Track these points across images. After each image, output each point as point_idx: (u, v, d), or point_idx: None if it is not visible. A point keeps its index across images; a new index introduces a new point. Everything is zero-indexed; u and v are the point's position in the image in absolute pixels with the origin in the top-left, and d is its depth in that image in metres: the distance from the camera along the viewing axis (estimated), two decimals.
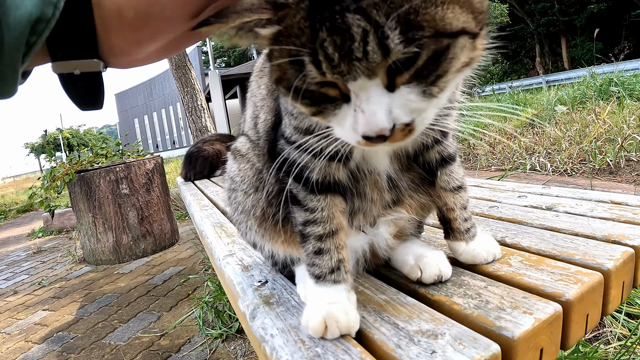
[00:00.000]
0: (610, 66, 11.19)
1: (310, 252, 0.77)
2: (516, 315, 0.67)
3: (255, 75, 0.94)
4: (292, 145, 0.75)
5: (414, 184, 0.86)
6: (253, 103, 0.94)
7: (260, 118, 0.89)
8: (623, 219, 1.06)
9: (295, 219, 0.79)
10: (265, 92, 0.87)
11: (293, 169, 0.75)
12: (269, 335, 0.71)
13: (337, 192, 0.78)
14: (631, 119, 4.35)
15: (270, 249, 0.94)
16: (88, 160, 5.09)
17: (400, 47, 0.48)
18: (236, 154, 0.97)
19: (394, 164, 0.82)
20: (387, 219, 0.86)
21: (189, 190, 3.26)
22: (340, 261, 0.76)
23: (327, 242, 0.76)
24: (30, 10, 0.46)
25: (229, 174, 0.99)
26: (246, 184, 0.91)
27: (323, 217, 0.76)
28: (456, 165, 0.88)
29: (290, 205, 0.79)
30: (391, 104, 0.53)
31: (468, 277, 0.84)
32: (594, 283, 0.76)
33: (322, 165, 0.74)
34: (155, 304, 3.29)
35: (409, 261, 0.86)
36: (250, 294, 0.90)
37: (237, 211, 0.95)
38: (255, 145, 0.91)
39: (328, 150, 0.70)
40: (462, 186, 0.89)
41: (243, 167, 0.92)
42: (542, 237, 0.99)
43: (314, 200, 0.76)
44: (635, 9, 28.86)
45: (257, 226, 0.90)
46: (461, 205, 0.88)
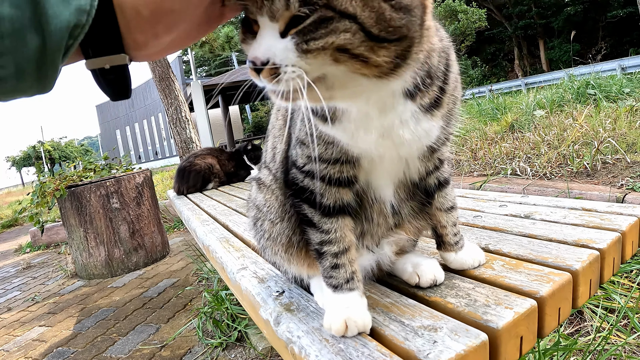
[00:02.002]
0: (587, 67, 11.47)
1: (327, 267, 0.89)
2: (499, 310, 0.81)
3: (275, 109, 1.06)
4: (304, 173, 0.88)
5: (413, 212, 1.00)
6: (272, 135, 1.06)
7: (277, 148, 1.02)
8: (592, 225, 1.21)
9: (311, 239, 0.91)
10: (282, 123, 1.00)
11: (307, 195, 0.88)
12: (295, 337, 0.83)
13: (347, 213, 0.90)
14: (607, 122, 4.52)
15: (295, 272, 1.06)
16: (77, 175, 5.13)
17: (297, 4, 0.59)
18: (260, 184, 1.08)
19: (398, 193, 0.94)
20: (390, 240, 1.00)
21: (185, 205, 3.34)
22: (353, 272, 0.89)
23: (342, 258, 0.88)
24: (69, 18, 0.54)
25: (254, 202, 1.10)
26: (272, 214, 1.01)
27: (337, 237, 0.88)
28: (450, 188, 1.02)
29: (306, 227, 0.92)
30: (274, 45, 0.63)
31: (458, 281, 0.98)
32: (563, 282, 0.90)
33: (333, 191, 0.87)
34: (152, 316, 3.34)
35: (408, 269, 1.01)
36: (271, 303, 1.02)
37: (263, 238, 1.06)
38: (276, 179, 1.02)
39: (336, 176, 0.84)
40: (454, 206, 1.03)
41: (268, 197, 1.03)
42: (521, 244, 1.14)
43: (327, 223, 0.88)
44: (611, 10, 29.43)
45: (284, 252, 1.01)
46: (452, 223, 1.03)
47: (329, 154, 0.83)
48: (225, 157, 4.48)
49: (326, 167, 0.85)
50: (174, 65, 29.40)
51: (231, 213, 2.52)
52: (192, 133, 8.20)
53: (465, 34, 29.87)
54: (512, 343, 0.77)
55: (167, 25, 0.64)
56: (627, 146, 3.81)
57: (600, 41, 29.16)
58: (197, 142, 8.20)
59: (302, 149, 0.87)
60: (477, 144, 5.55)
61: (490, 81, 30.21)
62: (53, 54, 0.56)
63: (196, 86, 14.64)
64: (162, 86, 8.16)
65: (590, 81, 7.05)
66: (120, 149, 42.95)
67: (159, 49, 0.68)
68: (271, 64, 0.63)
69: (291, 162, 0.92)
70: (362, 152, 0.82)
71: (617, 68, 14.59)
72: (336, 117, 0.78)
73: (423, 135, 0.80)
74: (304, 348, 0.78)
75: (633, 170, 3.35)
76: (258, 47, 0.64)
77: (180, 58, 31.48)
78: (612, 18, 29.35)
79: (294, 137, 0.91)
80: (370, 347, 0.75)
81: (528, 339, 0.81)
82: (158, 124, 38.84)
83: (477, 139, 5.91)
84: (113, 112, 45.69)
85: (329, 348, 0.76)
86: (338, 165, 0.84)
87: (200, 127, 13.27)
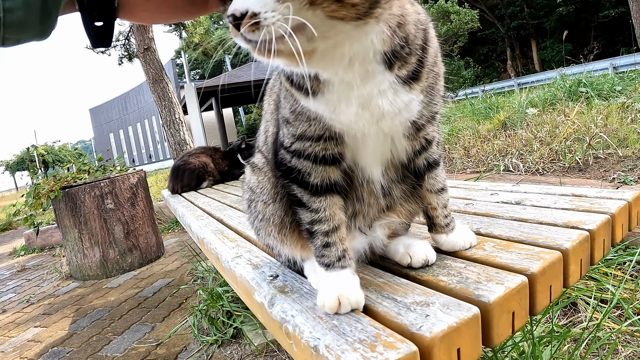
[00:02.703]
0: (579, 67, 11.54)
1: (319, 246, 0.90)
2: (491, 286, 0.83)
3: (267, 94, 1.07)
4: (291, 153, 0.89)
5: (404, 195, 1.01)
6: (265, 119, 1.08)
7: (269, 131, 1.04)
8: (582, 209, 1.23)
9: (302, 219, 0.92)
10: (273, 107, 1.02)
11: (295, 175, 0.90)
12: (289, 317, 0.84)
13: (336, 191, 0.91)
14: (599, 118, 4.56)
15: (288, 253, 1.07)
16: (71, 176, 5.12)
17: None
18: (254, 168, 1.10)
19: (387, 174, 0.95)
20: (382, 222, 1.01)
21: (179, 203, 3.34)
22: (344, 250, 0.90)
23: (333, 236, 0.89)
24: None
25: (248, 185, 1.11)
26: (265, 195, 1.03)
27: (327, 216, 0.89)
28: (440, 169, 1.02)
29: (297, 207, 0.93)
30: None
31: (450, 261, 0.99)
32: (554, 259, 0.92)
33: (319, 169, 0.88)
34: (147, 316, 3.34)
35: (400, 250, 1.02)
36: (265, 287, 1.02)
37: (257, 219, 1.07)
38: (268, 161, 1.04)
39: (322, 154, 0.85)
40: (444, 188, 1.04)
41: (261, 179, 1.05)
42: (512, 227, 1.16)
43: (316, 202, 0.89)
44: (603, 10, 29.62)
45: (277, 233, 1.03)
46: (443, 205, 1.04)
47: (312, 130, 0.84)
48: (220, 156, 4.48)
49: (311, 145, 0.86)
50: (168, 68, 29.40)
51: (225, 208, 2.52)
52: (186, 135, 8.20)
53: (458, 35, 29.95)
54: (504, 318, 0.79)
55: None
56: (619, 141, 3.84)
57: (592, 41, 29.30)
58: (191, 144, 8.21)
59: (288, 127, 0.89)
60: (469, 142, 5.58)
61: (483, 82, 30.32)
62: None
63: (190, 89, 14.67)
64: (156, 89, 8.17)
65: (582, 80, 7.10)
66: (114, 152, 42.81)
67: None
68: (250, 13, 0.63)
69: (279, 142, 0.93)
70: (343, 126, 0.83)
71: (609, 67, 14.70)
72: (318, 89, 0.79)
73: (402, 107, 0.81)
74: (298, 326, 0.79)
75: (624, 164, 3.38)
76: (235, 1, 0.65)
77: (173, 61, 31.47)
78: (604, 18, 29.56)
79: (280, 117, 0.92)
80: (364, 322, 0.76)
81: (520, 315, 0.82)
82: (152, 127, 38.75)
83: (470, 136, 5.94)
84: (106, 115, 45.53)
85: (322, 324, 0.77)
86: (322, 142, 0.85)
87: (194, 129, 13.30)
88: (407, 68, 0.80)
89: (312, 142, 0.86)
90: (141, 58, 8.32)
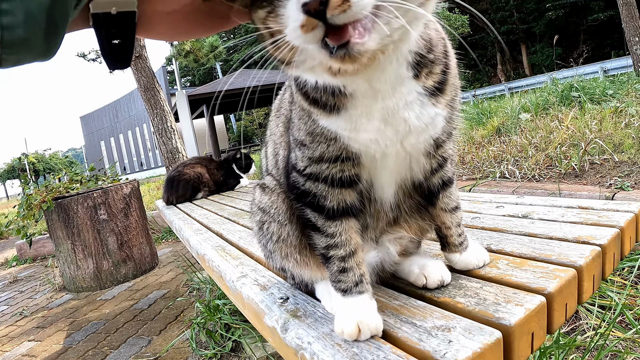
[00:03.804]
0: (570, 71, 11.64)
1: (335, 271, 0.87)
2: (510, 307, 0.81)
3: (274, 115, 1.04)
4: (305, 177, 0.85)
5: (414, 210, 0.98)
6: (273, 141, 1.04)
7: (279, 155, 1.00)
8: (590, 222, 1.22)
9: (317, 244, 0.89)
10: (282, 130, 0.98)
11: (309, 199, 0.86)
12: (306, 343, 0.82)
13: (352, 215, 0.88)
14: (593, 123, 4.58)
15: (309, 275, 1.02)
16: (63, 186, 5.07)
17: None
18: (265, 188, 1.05)
19: (399, 192, 0.93)
20: (392, 237, 0.99)
21: (176, 215, 3.31)
22: (362, 275, 0.87)
23: (350, 262, 0.86)
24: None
25: (258, 206, 1.06)
26: (281, 216, 0.98)
27: (343, 241, 0.86)
28: (454, 187, 1.00)
29: (311, 232, 0.90)
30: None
31: (465, 281, 0.98)
32: (569, 277, 0.91)
33: (335, 192, 0.85)
34: (144, 329, 3.30)
35: (414, 270, 1.00)
36: (276, 310, 1.00)
37: (271, 241, 1.02)
38: (280, 184, 1.00)
39: (338, 176, 0.82)
40: (458, 206, 1.02)
41: (274, 199, 1.00)
42: (522, 242, 1.14)
43: (332, 226, 0.86)
44: (592, 14, 29.88)
45: (298, 254, 0.98)
46: (457, 223, 1.01)
47: (330, 151, 0.81)
48: (215, 166, 4.46)
49: (327, 167, 0.82)
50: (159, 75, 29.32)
51: (224, 222, 2.50)
52: (178, 143, 8.14)
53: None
54: (524, 339, 0.77)
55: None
56: (614, 146, 3.86)
57: (581, 44, 29.61)
58: (183, 152, 8.16)
59: (302, 150, 0.85)
60: (464, 149, 5.59)
61: (473, 86, 30.46)
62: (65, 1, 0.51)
63: (181, 96, 14.64)
64: (148, 96, 8.11)
65: (574, 84, 7.15)
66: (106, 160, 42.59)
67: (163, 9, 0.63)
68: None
69: (291, 165, 0.89)
70: (361, 146, 0.79)
71: (599, 70, 14.84)
72: (341, 105, 0.74)
73: (429, 122, 0.77)
74: (316, 354, 0.77)
75: (620, 169, 3.40)
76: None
77: (164, 68, 31.38)
78: (593, 21, 29.81)
79: (292, 139, 0.88)
80: (385, 349, 0.74)
81: (539, 335, 0.81)
82: (143, 135, 38.58)
83: (465, 143, 5.95)
84: (97, 123, 45.28)
85: (342, 353, 0.75)
86: (339, 164, 0.82)
87: (185, 137, 13.25)
88: (433, 78, 0.77)
89: (328, 164, 0.82)
90: (132, 66, 8.27)
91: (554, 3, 30.36)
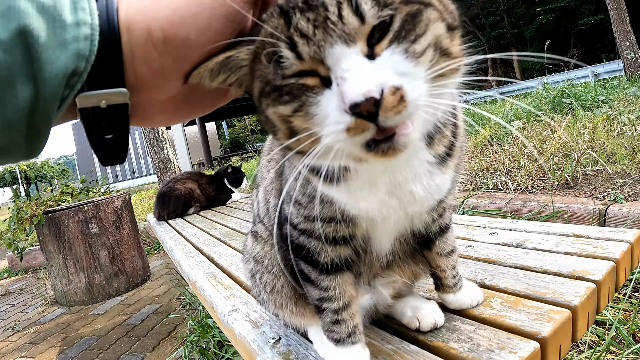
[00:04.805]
0: (561, 75, 11.68)
1: (328, 322, 0.86)
2: (504, 355, 0.80)
3: (265, 159, 1.01)
4: (299, 231, 0.82)
5: (405, 256, 0.96)
6: (264, 187, 1.01)
7: (270, 203, 0.97)
8: (585, 253, 1.21)
9: (310, 295, 0.87)
10: (273, 176, 0.94)
11: (303, 253, 0.83)
12: None
13: (346, 268, 0.86)
14: (585, 132, 4.58)
15: (304, 324, 1.00)
16: (54, 199, 5.03)
17: (374, 10, 0.49)
18: (257, 237, 1.03)
19: (395, 244, 0.90)
20: (385, 281, 0.97)
21: (167, 233, 3.29)
22: (355, 326, 0.86)
23: (343, 314, 0.85)
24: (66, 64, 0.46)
25: (251, 254, 1.04)
26: (275, 267, 0.96)
27: (337, 294, 0.84)
28: (450, 232, 0.98)
29: (305, 283, 0.87)
30: (374, 68, 0.50)
31: (459, 322, 0.96)
32: (564, 320, 0.89)
33: (330, 249, 0.81)
34: (136, 345, 3.28)
35: (407, 313, 0.98)
36: (268, 352, 0.98)
37: (264, 291, 1.00)
38: (272, 234, 0.96)
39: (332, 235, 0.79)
40: (454, 250, 1.00)
41: (268, 250, 0.98)
42: (517, 277, 1.13)
43: (326, 280, 0.84)
44: (582, 18, 30.02)
45: (293, 305, 0.96)
46: (452, 266, 1.00)
47: (326, 213, 0.77)
48: (206, 181, 4.45)
49: (322, 226, 0.78)
50: None
51: (215, 243, 2.48)
52: (169, 153, 8.08)
53: None
54: None
55: (177, 60, 0.54)
56: (607, 156, 3.86)
57: (572, 48, 29.74)
58: (174, 162, 8.11)
59: (298, 208, 0.81)
60: None
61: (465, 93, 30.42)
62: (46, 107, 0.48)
63: None
64: None
65: (565, 90, 7.15)
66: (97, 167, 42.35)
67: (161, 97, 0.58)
68: (390, 89, 0.49)
69: (284, 217, 0.85)
70: (362, 212, 0.74)
71: (590, 75, 14.89)
72: (343, 177, 0.68)
73: (436, 191, 0.73)
74: None
75: (614, 181, 3.40)
76: (356, 79, 0.49)
77: None
78: (583, 25, 29.93)
79: (287, 194, 0.83)
80: None
81: None
82: (134, 142, 38.45)
83: None
84: None
85: None
86: (335, 224, 0.78)
87: (177, 145, 13.18)
88: (444, 143, 0.71)
89: (324, 224, 0.78)
90: None
91: (544, 7, 30.52)
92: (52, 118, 0.49)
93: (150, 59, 0.53)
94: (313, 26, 0.50)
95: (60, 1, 0.47)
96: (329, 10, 0.50)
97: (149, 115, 0.59)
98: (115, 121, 0.53)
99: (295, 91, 0.54)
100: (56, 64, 0.46)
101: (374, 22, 0.50)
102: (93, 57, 0.48)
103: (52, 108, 0.48)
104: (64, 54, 0.46)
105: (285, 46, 0.52)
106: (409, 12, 0.51)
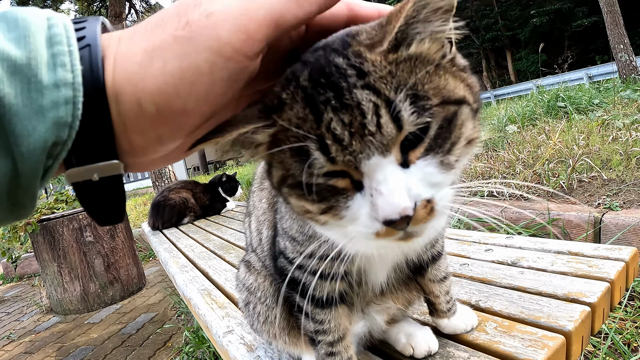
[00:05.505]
0: (555, 77, 11.71)
1: (322, 354, 0.85)
2: None
3: (257, 186, 1.01)
4: (293, 265, 0.80)
5: (399, 284, 0.95)
6: (256, 217, 1.01)
7: (263, 234, 0.96)
8: (580, 273, 1.20)
9: (305, 327, 0.87)
10: (266, 206, 0.94)
11: (297, 286, 0.82)
12: None
13: (341, 301, 0.85)
14: (580, 137, 4.58)
15: (298, 353, 1.00)
16: (48, 206, 5.00)
17: (412, 117, 0.47)
18: (250, 267, 1.03)
19: (390, 275, 0.89)
20: (380, 307, 0.96)
21: (161, 244, 3.28)
22: (349, 358, 0.86)
23: (338, 346, 0.85)
24: (45, 136, 0.41)
25: (244, 284, 1.04)
26: (268, 299, 0.96)
27: (331, 327, 0.84)
28: (442, 258, 0.98)
29: (299, 315, 0.86)
30: (409, 181, 0.49)
31: (452, 349, 0.96)
32: (558, 346, 0.89)
33: (325, 284, 0.81)
34: (132, 355, 3.26)
35: (401, 340, 0.98)
36: None
37: (257, 321, 0.99)
38: (265, 266, 0.97)
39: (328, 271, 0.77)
40: (447, 276, 1.00)
41: (261, 281, 0.98)
42: (511, 299, 1.13)
43: (321, 314, 0.83)
44: (576, 20, 30.06)
45: (287, 335, 0.96)
46: (445, 292, 0.99)
47: (322, 251, 0.73)
48: (200, 190, 4.46)
49: (318, 263, 0.76)
50: None
51: (210, 256, 2.47)
52: None
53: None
54: None
55: (174, 129, 0.49)
56: (602, 162, 3.86)
57: (566, 50, 29.75)
58: (169, 166, 8.07)
59: (293, 244, 0.80)
60: None
61: None
62: (28, 180, 0.43)
63: None
64: None
65: (560, 93, 7.14)
66: None
67: (158, 156, 0.53)
68: (422, 202, 0.49)
69: (279, 251, 0.84)
70: (359, 252, 0.70)
71: (584, 77, 14.94)
72: None
73: (433, 232, 0.68)
74: None
75: (609, 188, 3.40)
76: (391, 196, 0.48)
77: None
78: (577, 27, 29.96)
79: (281, 229, 0.82)
80: None
81: None
82: None
83: None
84: None
85: None
86: (330, 262, 0.73)
87: None
88: None
89: (320, 260, 0.75)
90: None
91: (538, 10, 30.57)
92: (35, 189, 0.45)
93: (144, 130, 0.48)
94: (349, 133, 0.48)
95: (35, 57, 0.42)
96: (367, 115, 0.47)
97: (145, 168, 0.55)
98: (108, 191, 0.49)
99: (324, 192, 0.53)
100: (33, 137, 0.41)
101: (410, 130, 0.48)
102: (77, 123, 0.43)
103: (34, 182, 0.44)
104: (41, 124, 0.41)
105: (315, 147, 0.49)
106: (445, 116, 0.50)
